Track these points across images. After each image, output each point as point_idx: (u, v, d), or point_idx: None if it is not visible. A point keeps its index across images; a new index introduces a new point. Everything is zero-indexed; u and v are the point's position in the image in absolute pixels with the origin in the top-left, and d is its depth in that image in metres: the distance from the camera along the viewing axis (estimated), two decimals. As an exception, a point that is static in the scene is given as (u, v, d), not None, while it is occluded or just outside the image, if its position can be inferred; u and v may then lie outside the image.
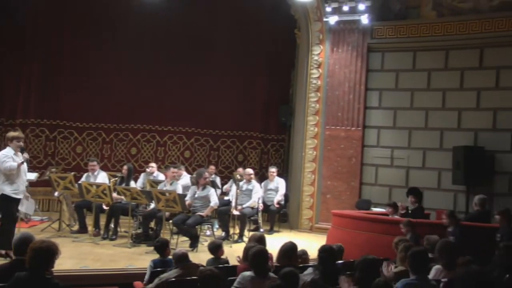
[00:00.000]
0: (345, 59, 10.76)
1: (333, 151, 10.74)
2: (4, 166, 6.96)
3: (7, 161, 6.98)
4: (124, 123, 12.23)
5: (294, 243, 5.56)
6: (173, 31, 12.12)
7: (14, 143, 7.18)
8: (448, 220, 7.27)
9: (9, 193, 7.02)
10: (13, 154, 7.12)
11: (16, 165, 7.02)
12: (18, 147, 7.21)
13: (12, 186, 7.05)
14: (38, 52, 11.83)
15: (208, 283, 4.36)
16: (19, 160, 7.11)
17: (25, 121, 11.78)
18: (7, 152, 7.11)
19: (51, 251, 4.13)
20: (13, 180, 7.06)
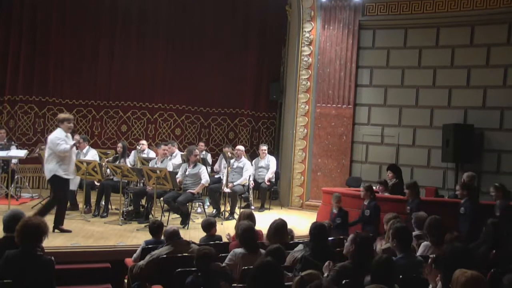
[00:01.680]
0: (336, 37, 10.70)
1: (324, 129, 10.75)
2: (59, 148, 7.11)
3: (61, 144, 7.13)
4: (114, 100, 12.14)
5: (284, 220, 5.61)
6: (161, 7, 11.96)
7: (65, 125, 7.31)
8: (409, 192, 7.44)
9: (61, 174, 7.20)
10: (65, 136, 7.23)
11: (69, 147, 7.18)
12: (69, 129, 7.33)
13: (64, 167, 7.22)
14: (25, 28, 11.64)
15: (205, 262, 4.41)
16: (71, 142, 7.26)
17: (13, 97, 11.65)
18: (59, 134, 7.23)
19: (40, 228, 4.13)
20: (66, 162, 7.23)
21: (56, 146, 7.13)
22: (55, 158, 7.18)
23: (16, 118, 11.65)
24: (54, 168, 7.18)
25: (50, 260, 4.18)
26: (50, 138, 7.32)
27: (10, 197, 9.02)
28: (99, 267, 6.33)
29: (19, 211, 4.80)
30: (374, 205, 7.43)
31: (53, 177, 7.21)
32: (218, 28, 12.14)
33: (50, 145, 7.23)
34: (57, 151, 7.14)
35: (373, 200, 7.49)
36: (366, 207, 7.46)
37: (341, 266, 4.25)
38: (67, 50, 11.76)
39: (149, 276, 5.00)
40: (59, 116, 7.55)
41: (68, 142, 7.24)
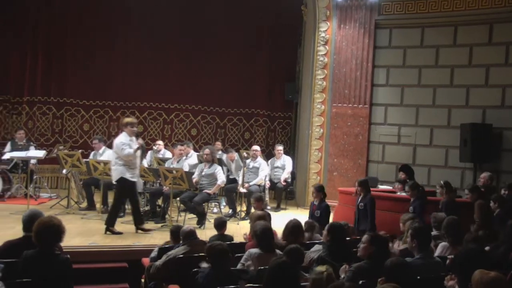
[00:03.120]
0: (352, 36, 10.65)
1: (340, 129, 10.71)
2: (123, 153, 7.30)
3: (125, 148, 7.31)
4: (130, 101, 12.23)
5: (299, 221, 5.60)
6: (175, 7, 11.98)
7: (128, 129, 7.47)
8: (411, 192, 7.36)
9: (128, 177, 7.39)
10: (129, 140, 7.39)
11: (133, 151, 7.34)
12: (132, 132, 7.48)
13: (130, 170, 7.41)
14: (43, 29, 11.78)
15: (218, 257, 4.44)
16: (135, 146, 7.40)
17: (32, 98, 11.79)
18: (123, 138, 7.42)
19: (56, 228, 4.17)
20: (131, 165, 7.40)
21: (121, 151, 7.33)
22: (121, 162, 7.37)
23: (34, 119, 11.79)
24: (122, 171, 7.37)
25: (67, 259, 4.23)
26: (115, 142, 7.53)
27: (29, 197, 9.14)
28: (117, 266, 6.38)
29: (38, 211, 4.86)
30: (370, 198, 7.34)
31: (120, 179, 7.39)
32: (233, 28, 12.15)
33: (115, 150, 7.46)
34: (122, 155, 7.34)
35: (367, 194, 7.39)
36: (360, 201, 7.39)
37: (357, 266, 4.23)
38: (84, 51, 11.86)
39: (166, 275, 5.02)
40: (123, 120, 7.73)
41: (132, 146, 7.40)
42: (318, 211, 7.29)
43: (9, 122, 11.84)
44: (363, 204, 7.32)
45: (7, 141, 10.72)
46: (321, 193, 7.42)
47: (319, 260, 4.66)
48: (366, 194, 7.40)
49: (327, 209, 7.34)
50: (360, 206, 7.35)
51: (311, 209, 7.55)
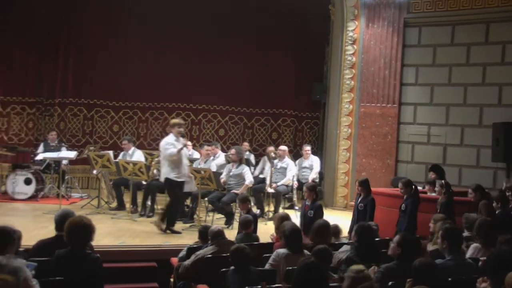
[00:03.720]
0: (381, 35, 10.55)
1: (368, 129, 10.62)
2: (167, 152, 7.49)
3: (168, 148, 7.48)
4: (159, 102, 12.34)
5: (327, 221, 5.58)
6: (204, 8, 12.05)
7: (175, 129, 7.65)
8: (404, 189, 7.24)
9: (172, 177, 7.53)
10: (174, 140, 7.56)
11: (176, 151, 7.47)
12: (179, 133, 7.65)
13: (175, 170, 7.54)
14: (74, 32, 11.99)
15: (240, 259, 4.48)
16: (179, 146, 7.54)
17: (63, 100, 12.01)
18: (169, 139, 7.62)
19: (87, 227, 4.24)
20: (176, 165, 7.53)
21: (165, 151, 7.51)
22: (167, 162, 7.53)
23: (66, 121, 12.01)
24: (166, 171, 7.53)
25: (97, 258, 4.30)
26: (161, 143, 7.71)
27: (61, 197, 9.32)
28: (146, 266, 6.46)
29: (69, 211, 4.95)
30: (371, 199, 7.22)
31: (166, 180, 7.55)
32: (261, 28, 12.15)
33: (161, 150, 7.64)
34: (166, 155, 7.50)
35: (368, 195, 7.27)
36: (360, 201, 7.26)
37: (386, 267, 4.19)
38: (113, 53, 12.01)
39: (195, 275, 5.06)
40: (170, 121, 7.95)
41: (177, 146, 7.52)
42: (311, 211, 7.05)
43: (42, 124, 12.09)
44: (363, 205, 7.18)
45: (40, 142, 10.97)
46: (313, 193, 7.21)
47: (347, 261, 4.63)
48: (367, 195, 7.26)
49: (320, 209, 7.16)
50: (359, 207, 7.21)
51: (303, 209, 7.34)
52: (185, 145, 7.83)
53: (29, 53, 11.87)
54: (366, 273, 3.63)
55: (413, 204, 7.07)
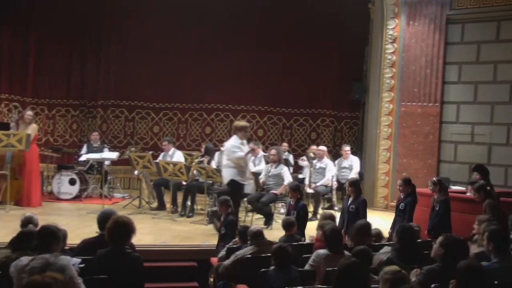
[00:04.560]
0: (422, 33, 10.35)
1: (409, 128, 10.43)
2: (234, 156, 7.54)
3: (236, 151, 7.54)
4: (198, 103, 12.47)
5: (368, 222, 5.51)
6: (241, 8, 12.09)
7: (241, 133, 7.72)
8: (403, 188, 7.12)
9: (238, 179, 7.60)
10: (240, 143, 7.62)
11: (243, 154, 7.56)
12: (244, 136, 7.73)
13: (241, 173, 7.61)
14: (115, 36, 12.26)
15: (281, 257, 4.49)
16: (246, 149, 7.63)
17: (105, 102, 12.29)
18: (235, 141, 7.68)
19: (127, 227, 4.31)
20: (242, 168, 7.62)
21: (232, 154, 7.55)
22: (232, 164, 7.58)
23: (108, 122, 12.28)
24: (232, 173, 7.57)
25: (138, 257, 4.36)
26: (226, 145, 7.79)
27: (104, 197, 9.52)
28: (186, 265, 6.51)
29: (111, 211, 5.05)
30: (362, 200, 7.04)
31: (230, 181, 7.59)
32: (298, 28, 12.12)
33: (226, 152, 7.70)
34: (233, 158, 7.55)
35: (358, 196, 7.06)
36: (351, 203, 7.02)
37: (428, 269, 4.10)
38: (154, 55, 12.20)
39: (234, 275, 5.08)
40: (236, 124, 8.00)
41: (243, 149, 7.60)
42: (294, 211, 6.87)
43: (85, 125, 12.40)
44: (354, 207, 6.94)
45: (84, 144, 11.24)
46: (297, 193, 7.05)
47: (388, 262, 4.55)
48: (357, 196, 7.04)
49: (304, 208, 7.01)
50: (350, 209, 6.95)
51: (287, 209, 7.22)
52: (252, 149, 7.83)
53: (72, 57, 12.23)
54: (404, 273, 3.55)
55: (412, 204, 6.97)
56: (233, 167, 7.57)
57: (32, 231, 4.45)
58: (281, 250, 4.60)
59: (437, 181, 7.23)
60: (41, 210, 8.63)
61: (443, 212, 6.91)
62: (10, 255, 4.28)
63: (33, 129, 9.10)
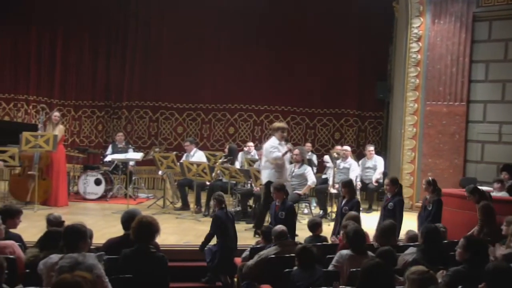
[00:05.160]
0: (448, 31, 10.21)
1: (434, 128, 10.30)
2: (271, 156, 7.58)
3: (273, 151, 7.58)
4: (221, 103, 12.51)
5: (393, 222, 5.46)
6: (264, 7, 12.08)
7: (278, 133, 7.76)
8: (390, 187, 7.00)
9: (273, 179, 7.52)
10: (278, 144, 7.67)
11: (281, 155, 7.58)
12: (282, 137, 7.74)
13: (278, 174, 7.60)
14: (140, 38, 12.38)
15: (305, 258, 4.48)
16: (283, 150, 7.64)
17: (130, 103, 12.42)
18: (273, 142, 7.72)
19: (152, 226, 4.35)
20: (279, 169, 7.64)
21: (270, 154, 7.58)
22: (269, 165, 7.61)
23: (133, 123, 12.41)
24: (270, 174, 7.59)
25: (163, 256, 4.39)
26: (265, 146, 7.82)
27: (129, 197, 9.62)
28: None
29: (135, 211, 5.10)
30: (356, 202, 6.91)
31: (268, 182, 7.59)
32: (322, 27, 12.07)
33: (264, 153, 7.73)
34: (270, 158, 7.58)
35: (353, 197, 6.94)
36: (344, 204, 6.89)
37: (455, 271, 4.04)
38: (177, 56, 12.30)
39: (258, 275, 5.08)
40: (274, 125, 8.03)
41: (281, 150, 7.61)
42: (283, 213, 6.69)
43: (110, 126, 12.56)
44: (347, 208, 6.78)
45: (109, 144, 11.39)
46: (281, 192, 6.87)
47: (413, 263, 4.50)
48: (351, 197, 6.92)
49: (291, 209, 6.87)
50: (344, 210, 6.78)
51: (273, 210, 6.91)
52: (290, 150, 7.81)
53: (98, 59, 12.39)
54: (432, 274, 3.51)
55: (401, 203, 6.90)
56: (271, 168, 7.58)
57: (59, 230, 4.52)
58: (306, 251, 4.60)
59: (431, 181, 7.22)
60: (67, 210, 8.77)
61: (435, 212, 6.90)
62: (38, 254, 4.37)
63: (60, 130, 9.25)
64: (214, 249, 6.20)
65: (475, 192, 6.96)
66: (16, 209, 5.33)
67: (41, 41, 12.19)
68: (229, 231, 6.33)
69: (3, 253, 4.20)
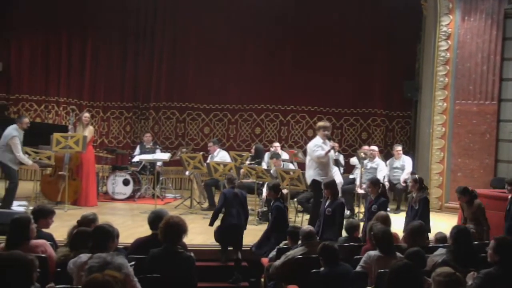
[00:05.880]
0: (478, 28, 10.02)
1: (464, 127, 10.13)
2: (315, 154, 7.67)
3: (316, 150, 7.67)
4: (248, 104, 12.53)
5: (422, 223, 5.39)
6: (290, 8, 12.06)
7: (321, 132, 7.85)
8: (371, 189, 6.86)
9: (319, 179, 7.61)
10: (322, 143, 7.75)
11: (324, 153, 7.64)
12: (325, 136, 7.82)
13: (322, 172, 7.67)
14: (167, 39, 12.49)
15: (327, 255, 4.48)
16: (327, 148, 7.70)
17: (157, 104, 12.54)
18: (316, 141, 7.83)
19: (180, 226, 4.38)
20: (323, 167, 7.70)
21: (313, 153, 7.65)
22: (314, 164, 7.68)
23: (160, 124, 12.53)
24: (314, 173, 7.65)
25: (190, 256, 4.42)
26: (308, 145, 7.89)
27: (156, 197, 9.71)
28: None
29: (163, 210, 5.15)
30: (339, 203, 6.71)
31: (312, 181, 7.68)
32: (349, 27, 12.00)
33: (308, 152, 7.80)
34: (313, 157, 7.65)
35: (336, 199, 6.74)
36: (327, 206, 6.70)
37: (486, 273, 3.96)
38: (203, 57, 12.38)
39: (285, 276, 5.07)
40: (317, 124, 8.12)
41: (324, 148, 7.66)
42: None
43: (138, 127, 12.69)
44: (330, 210, 6.63)
45: (137, 145, 11.51)
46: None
47: (442, 264, 4.44)
48: (335, 199, 6.73)
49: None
50: (327, 212, 6.63)
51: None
52: (333, 147, 7.85)
53: (126, 60, 12.55)
54: (458, 276, 3.44)
55: (385, 205, 6.71)
56: (315, 167, 7.61)
57: (88, 230, 4.60)
58: (327, 248, 4.59)
59: (418, 179, 7.15)
60: (97, 210, 8.85)
61: (422, 211, 6.82)
62: (69, 253, 4.45)
63: (90, 131, 9.40)
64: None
65: (466, 193, 7.01)
66: (48, 209, 5.44)
67: (71, 43, 12.43)
68: (232, 209, 6.53)
69: (35, 252, 4.28)
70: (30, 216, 4.76)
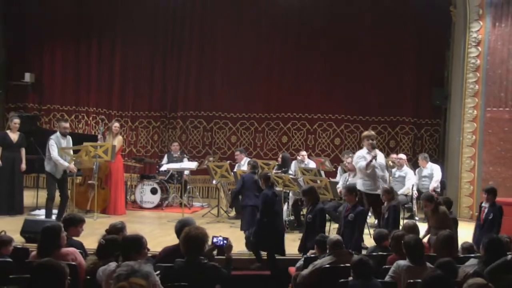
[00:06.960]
0: (509, 34, 9.85)
1: (495, 135, 9.93)
2: (357, 166, 7.79)
3: (358, 161, 7.77)
4: (275, 112, 12.52)
5: (452, 232, 5.29)
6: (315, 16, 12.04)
7: (366, 142, 7.91)
8: (347, 197, 6.73)
9: (364, 190, 7.69)
10: (366, 153, 7.81)
11: (365, 164, 7.67)
12: (369, 145, 7.84)
13: (370, 183, 7.72)
14: (195, 49, 12.60)
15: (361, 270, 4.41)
16: (369, 158, 7.74)
17: (185, 113, 12.64)
18: (361, 152, 7.92)
19: (198, 239, 4.33)
20: (370, 178, 7.74)
21: (356, 164, 7.76)
22: (360, 174, 7.75)
23: (187, 133, 12.62)
24: (359, 184, 7.68)
25: (213, 266, 4.39)
26: (354, 156, 7.99)
27: (183, 206, 9.77)
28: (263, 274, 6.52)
29: (190, 219, 5.17)
30: (319, 209, 6.60)
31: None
32: (377, 34, 11.90)
33: (354, 162, 7.92)
34: (357, 168, 7.73)
35: (316, 205, 6.65)
36: (308, 213, 6.66)
37: None
38: (230, 66, 12.44)
39: (312, 285, 5.03)
40: (363, 134, 8.21)
41: (367, 159, 7.67)
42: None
43: (166, 136, 12.81)
44: (311, 217, 6.55)
45: (165, 154, 11.61)
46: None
47: (474, 275, 4.34)
48: (315, 205, 6.63)
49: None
50: (308, 219, 6.55)
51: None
52: (374, 157, 7.71)
53: (154, 70, 12.70)
54: (490, 286, 3.36)
55: (363, 215, 6.63)
56: (361, 177, 7.63)
57: (116, 238, 4.64)
58: (362, 263, 4.49)
59: (389, 188, 7.18)
60: (125, 218, 8.95)
61: (393, 219, 6.82)
62: (98, 262, 4.49)
63: (119, 140, 9.53)
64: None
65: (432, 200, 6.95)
66: (79, 218, 5.51)
67: (101, 54, 12.66)
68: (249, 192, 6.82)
69: (65, 259, 4.33)
70: (60, 225, 4.83)
